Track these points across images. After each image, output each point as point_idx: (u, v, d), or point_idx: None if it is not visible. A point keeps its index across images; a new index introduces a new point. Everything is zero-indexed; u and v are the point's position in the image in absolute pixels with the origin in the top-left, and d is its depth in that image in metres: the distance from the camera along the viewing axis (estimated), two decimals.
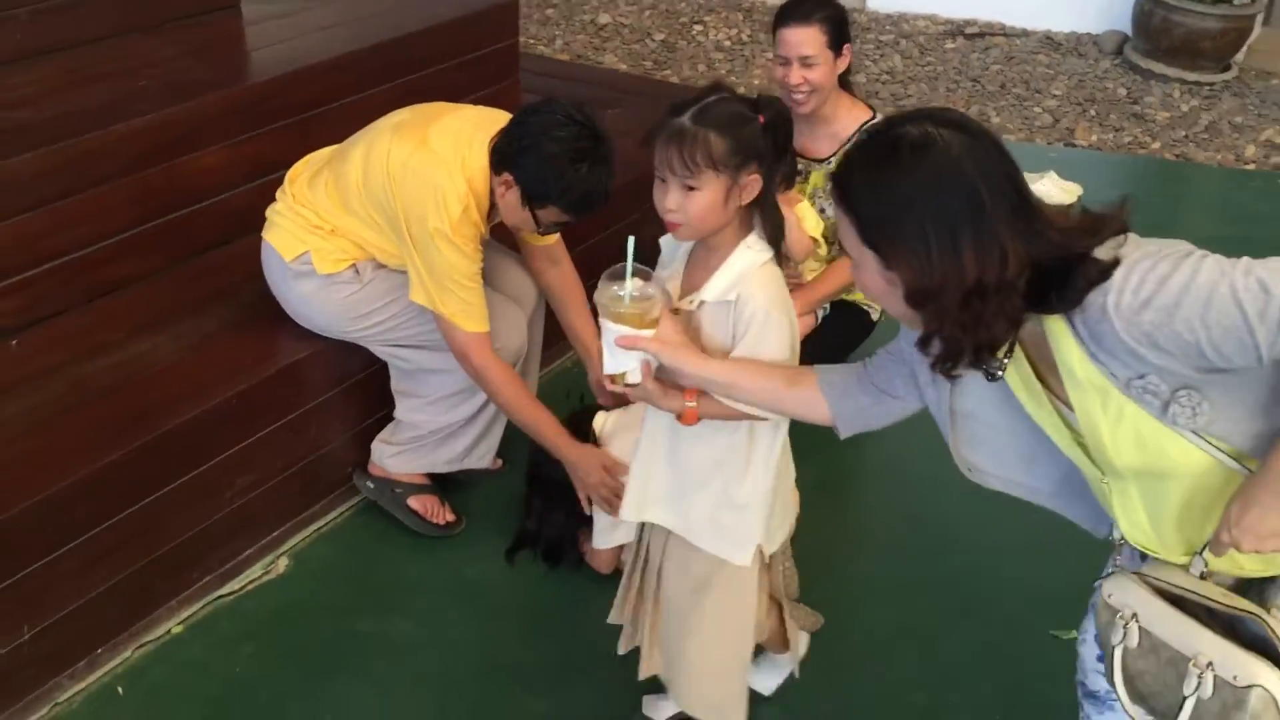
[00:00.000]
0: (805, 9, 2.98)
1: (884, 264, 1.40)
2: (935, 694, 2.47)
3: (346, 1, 3.76)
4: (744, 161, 1.74)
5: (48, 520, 2.30)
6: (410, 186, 2.45)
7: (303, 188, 2.68)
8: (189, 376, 2.62)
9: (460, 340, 2.52)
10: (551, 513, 2.71)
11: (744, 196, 1.76)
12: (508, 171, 2.43)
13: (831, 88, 3.05)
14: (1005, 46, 6.25)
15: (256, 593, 2.72)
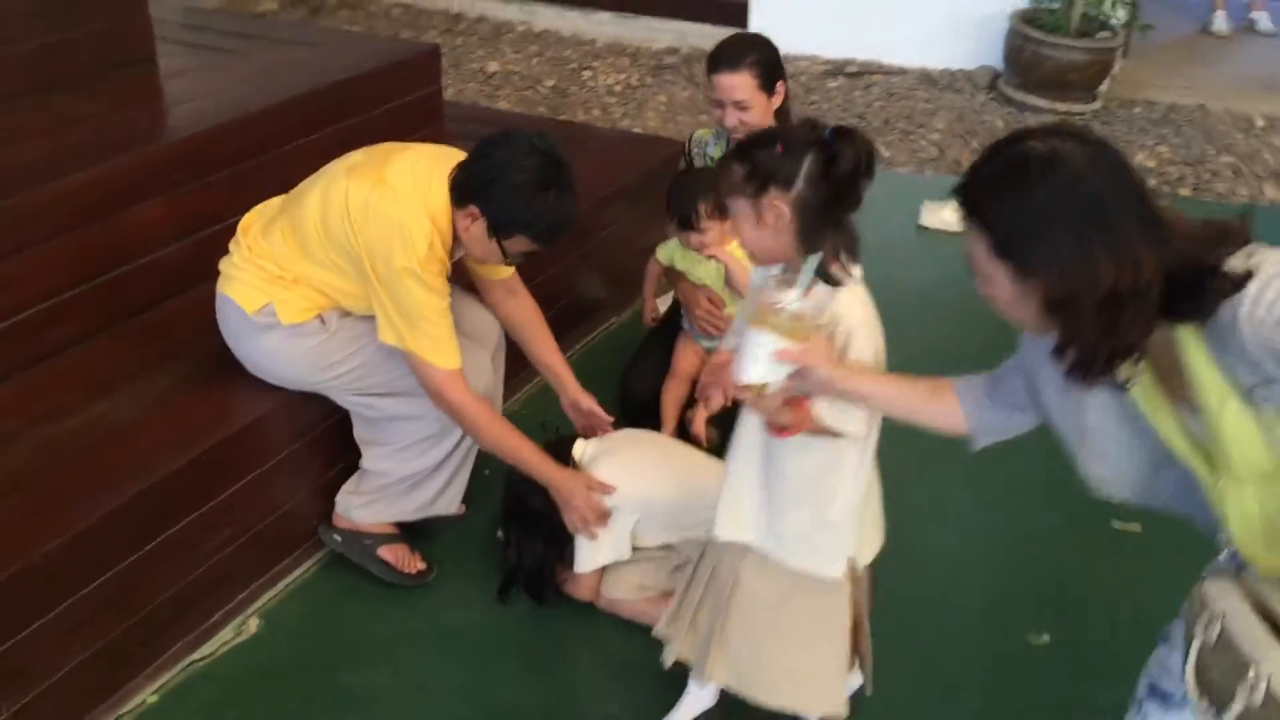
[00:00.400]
0: (735, 55, 3.07)
1: (1017, 275, 1.47)
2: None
3: (261, 55, 3.71)
4: (761, 186, 1.81)
5: (29, 590, 2.21)
6: (373, 226, 2.44)
7: (257, 238, 2.64)
8: (154, 437, 2.55)
9: (434, 378, 2.50)
10: (531, 542, 2.71)
11: (773, 219, 1.81)
12: (473, 204, 2.43)
13: (769, 124, 3.15)
14: (885, 84, 6.49)
15: (230, 655, 2.64)
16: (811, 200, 1.82)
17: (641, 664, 2.60)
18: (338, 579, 2.84)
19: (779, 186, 1.82)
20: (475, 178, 2.44)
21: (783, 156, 1.82)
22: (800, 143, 1.83)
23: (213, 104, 3.29)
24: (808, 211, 1.83)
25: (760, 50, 3.09)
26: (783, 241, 1.86)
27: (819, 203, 1.83)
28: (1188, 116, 6.05)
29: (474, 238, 2.49)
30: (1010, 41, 6.06)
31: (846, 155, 1.81)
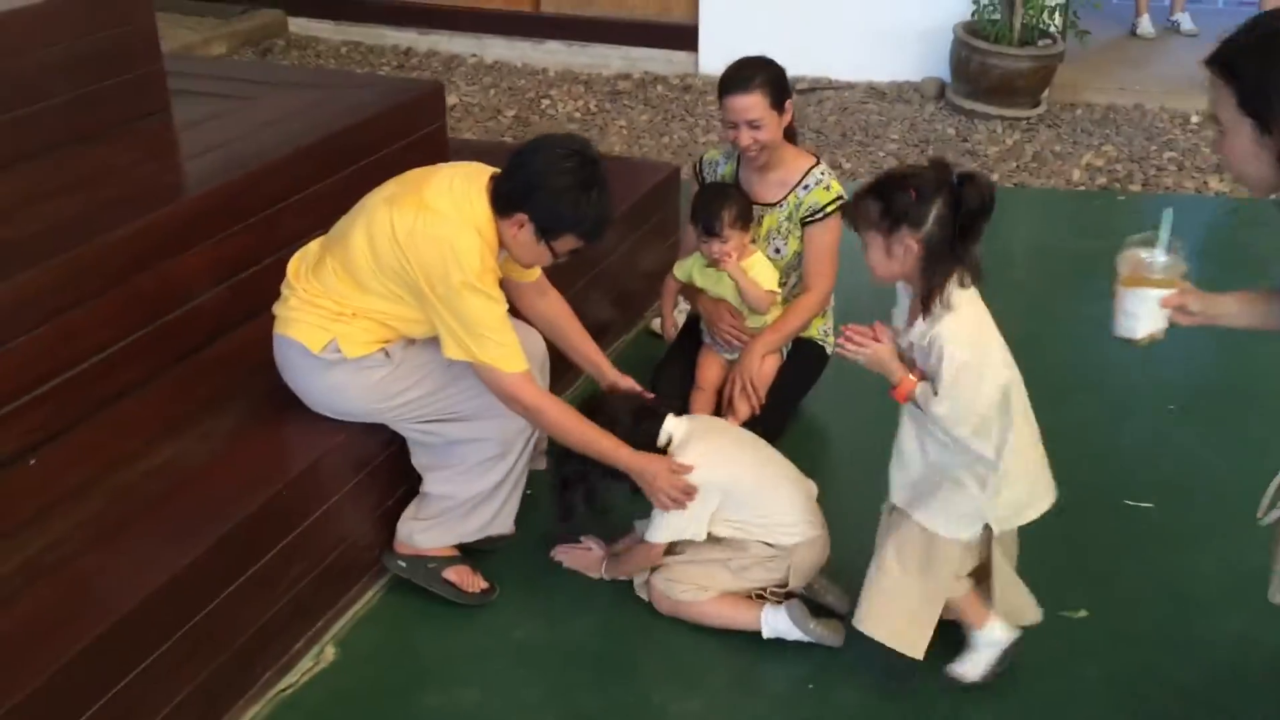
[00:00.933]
0: (745, 76, 3.22)
1: (1260, 131, 1.73)
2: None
3: (269, 100, 3.79)
4: (894, 225, 2.12)
5: (133, 634, 2.26)
6: (424, 249, 2.54)
7: (309, 280, 2.72)
8: (227, 479, 2.62)
9: (506, 384, 2.60)
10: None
11: (903, 253, 2.11)
12: (519, 212, 2.55)
13: (779, 141, 3.31)
14: (836, 99, 6.72)
15: (312, 684, 2.71)
16: (938, 237, 2.12)
17: (713, 665, 2.73)
18: (404, 603, 2.93)
19: (910, 226, 2.13)
20: (519, 186, 2.56)
21: (915, 201, 2.11)
22: (931, 188, 2.11)
23: (235, 153, 3.36)
24: (934, 247, 2.13)
25: (769, 71, 3.25)
26: (908, 269, 2.16)
27: (944, 239, 2.13)
28: (1126, 116, 6.36)
29: (522, 244, 2.61)
30: (956, 52, 6.32)
31: (972, 198, 2.12)
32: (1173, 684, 2.67)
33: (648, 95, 6.93)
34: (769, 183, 3.38)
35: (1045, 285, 4.62)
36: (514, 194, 2.56)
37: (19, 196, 2.95)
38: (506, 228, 2.59)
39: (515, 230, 2.58)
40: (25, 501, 2.49)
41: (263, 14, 7.97)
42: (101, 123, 3.36)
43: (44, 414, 2.66)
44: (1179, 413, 3.68)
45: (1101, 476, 3.36)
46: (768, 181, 3.38)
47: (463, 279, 2.51)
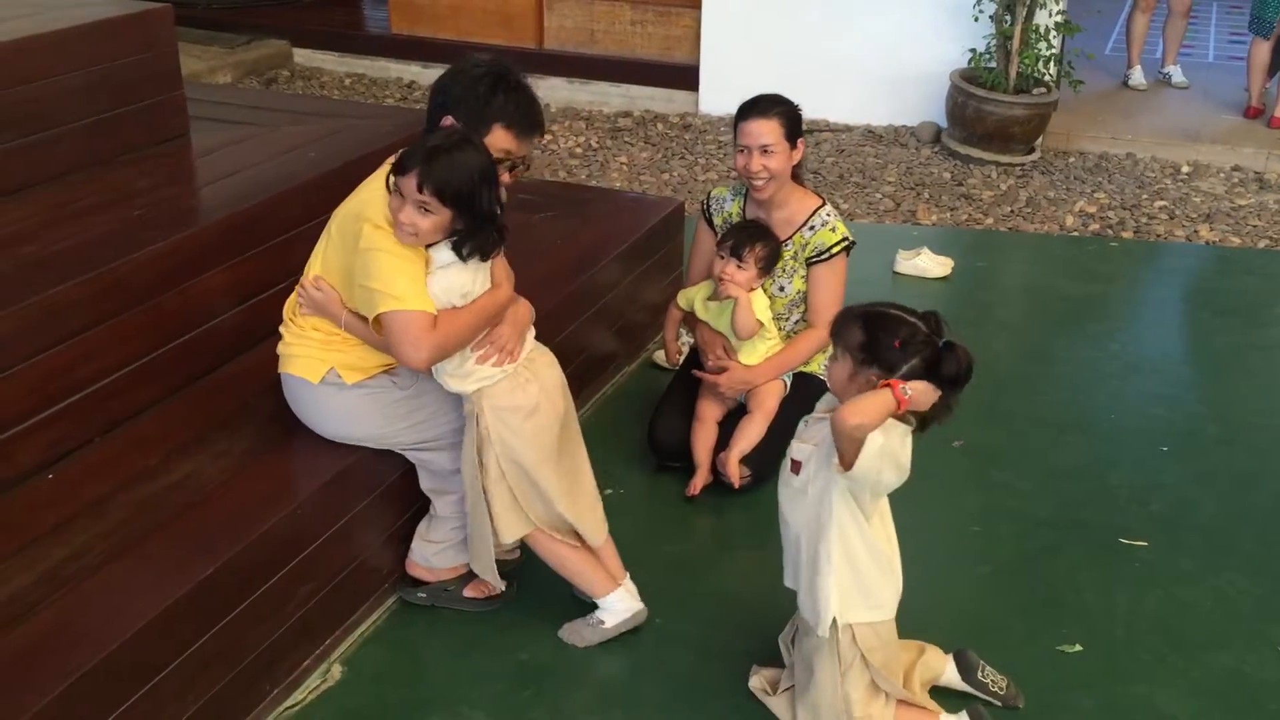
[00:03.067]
0: (764, 104, 3.33)
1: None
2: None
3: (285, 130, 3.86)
4: (869, 360, 2.25)
5: (151, 646, 2.30)
6: (345, 218, 2.65)
7: (297, 313, 2.80)
8: (242, 497, 2.66)
9: (404, 322, 2.50)
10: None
11: (864, 384, 2.26)
12: (445, 116, 2.63)
13: (787, 177, 3.39)
14: (833, 141, 6.84)
15: (319, 701, 2.74)
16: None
17: (719, 690, 2.77)
18: (411, 624, 2.97)
19: (882, 369, 2.23)
20: (437, 98, 2.68)
21: (897, 350, 2.22)
22: (917, 344, 2.22)
23: (252, 179, 3.43)
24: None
25: (787, 105, 3.34)
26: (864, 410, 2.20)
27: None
28: (1119, 165, 6.49)
29: None
30: (953, 99, 6.44)
31: (949, 366, 2.23)
32: (1164, 716, 2.73)
33: (648, 133, 7.04)
34: (775, 221, 3.46)
35: (1039, 327, 4.71)
36: (434, 107, 2.67)
37: (44, 216, 3.02)
38: None
39: None
40: (45, 514, 2.54)
41: (268, 44, 8.08)
42: (122, 147, 3.43)
43: (63, 429, 2.72)
44: (1171, 452, 3.75)
45: (1096, 515, 3.43)
46: (774, 221, 3.46)
47: (372, 222, 2.53)
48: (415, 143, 2.54)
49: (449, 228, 2.52)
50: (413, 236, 2.50)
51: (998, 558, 3.27)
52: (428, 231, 2.50)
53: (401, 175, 2.47)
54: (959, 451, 3.73)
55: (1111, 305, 4.93)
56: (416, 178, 2.44)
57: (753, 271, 3.33)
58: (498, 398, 2.70)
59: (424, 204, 2.46)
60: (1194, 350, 4.67)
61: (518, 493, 2.73)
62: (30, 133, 3.17)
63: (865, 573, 2.41)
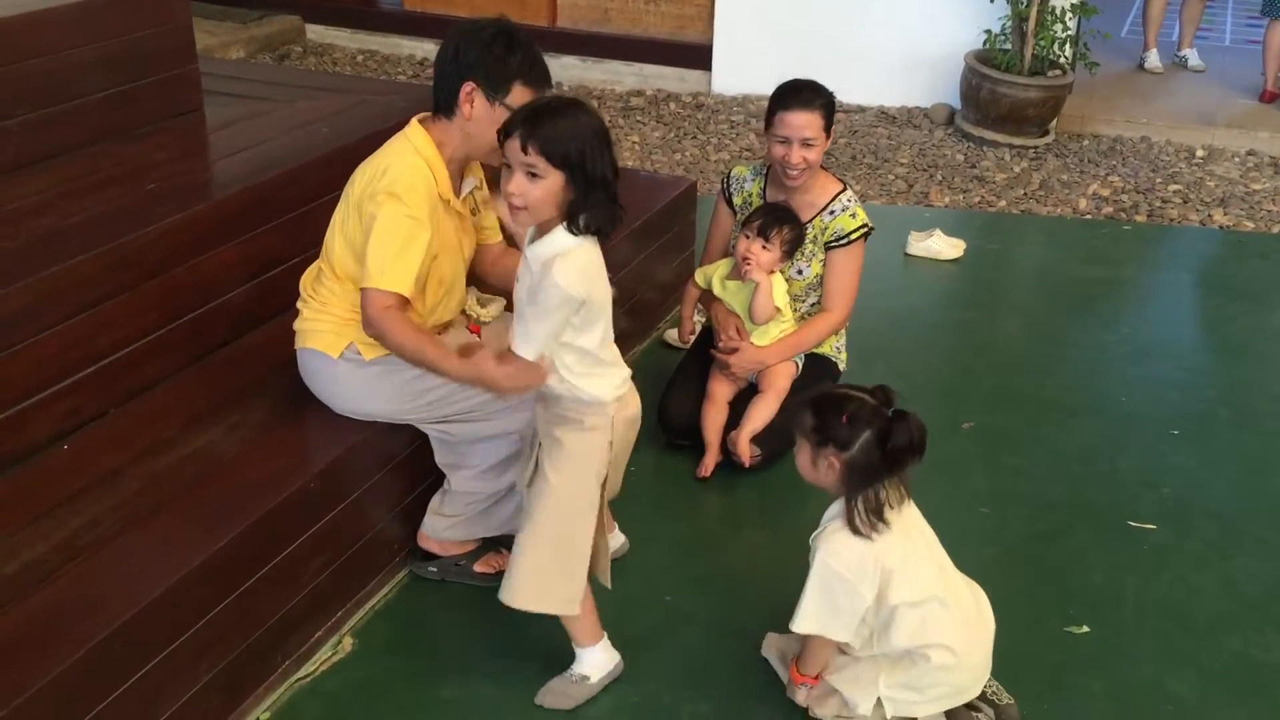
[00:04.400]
0: (807, 95, 3.30)
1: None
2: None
3: (299, 105, 3.87)
4: (822, 442, 2.31)
5: (164, 615, 2.32)
6: (363, 184, 2.63)
7: (316, 289, 2.81)
8: (256, 470, 2.67)
9: (375, 300, 2.55)
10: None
11: (825, 469, 2.35)
12: (465, 81, 2.60)
13: (819, 163, 3.39)
14: (846, 122, 6.81)
15: (331, 673, 2.76)
16: (861, 462, 2.29)
17: (725, 668, 2.79)
18: (421, 598, 2.99)
19: (836, 447, 2.32)
20: (449, 66, 2.63)
21: (845, 426, 2.29)
22: (865, 418, 2.28)
23: (266, 153, 3.44)
24: (855, 470, 2.32)
25: (826, 95, 3.33)
26: (829, 482, 2.33)
27: (867, 465, 2.31)
28: (1133, 148, 6.46)
29: (479, 120, 2.62)
30: (967, 80, 6.41)
31: (900, 436, 2.28)
32: (1171, 698, 2.74)
33: (660, 112, 7.02)
34: (797, 204, 3.45)
35: (1050, 310, 4.70)
36: (449, 75, 2.63)
37: (60, 189, 3.03)
38: (460, 117, 2.63)
39: (468, 109, 2.61)
40: (61, 484, 2.55)
41: (281, 20, 8.07)
42: (137, 120, 3.44)
43: (77, 400, 2.74)
44: (1181, 436, 3.75)
45: (1105, 497, 3.44)
46: (798, 203, 3.45)
47: (389, 189, 2.55)
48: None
49: (561, 197, 2.26)
50: (523, 210, 2.29)
51: (1007, 539, 3.28)
52: (538, 201, 2.26)
53: (506, 139, 2.25)
54: (969, 434, 3.74)
55: (1124, 289, 4.92)
56: (520, 138, 2.22)
57: (777, 253, 3.33)
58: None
59: (530, 166, 2.22)
60: (1206, 334, 4.66)
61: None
62: (47, 105, 3.19)
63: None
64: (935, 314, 4.66)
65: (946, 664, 2.45)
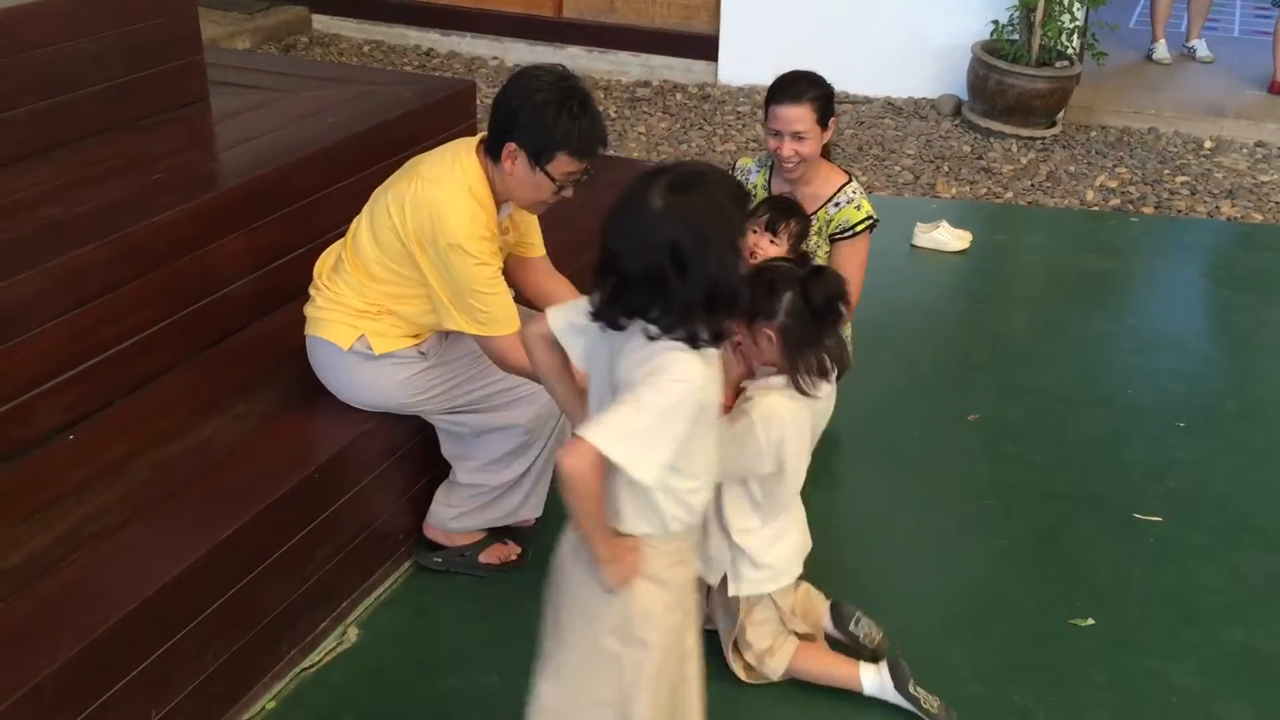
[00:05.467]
0: (798, 89, 3.27)
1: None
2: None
3: (304, 95, 3.86)
4: (751, 318, 2.34)
5: (172, 604, 2.33)
6: (414, 216, 2.59)
7: (332, 279, 2.80)
8: (262, 460, 2.68)
9: (495, 348, 2.65)
10: None
11: (765, 343, 2.37)
12: (509, 142, 2.56)
13: (817, 158, 3.37)
14: (853, 112, 6.79)
15: (336, 663, 2.77)
16: (793, 325, 2.34)
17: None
18: (426, 588, 2.99)
19: (766, 317, 2.34)
20: (501, 119, 2.57)
21: (766, 296, 2.31)
22: (782, 281, 2.32)
23: (271, 144, 3.43)
24: (791, 335, 2.34)
25: (820, 87, 3.29)
26: (773, 356, 2.37)
27: (799, 328, 2.34)
28: (1140, 139, 6.44)
29: (519, 178, 2.61)
30: (974, 71, 6.39)
31: (817, 292, 2.33)
32: (1175, 689, 2.74)
33: (666, 103, 7.01)
34: (801, 196, 3.43)
35: (1057, 302, 4.69)
36: (498, 127, 2.58)
37: (66, 179, 3.03)
38: (501, 169, 2.60)
39: (509, 166, 2.59)
40: (66, 475, 2.56)
41: (287, 10, 8.05)
42: (142, 110, 3.44)
43: (83, 390, 2.74)
44: (1187, 428, 3.74)
45: (1111, 489, 3.43)
46: (801, 195, 3.43)
47: (449, 241, 2.55)
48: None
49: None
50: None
51: (1011, 531, 3.27)
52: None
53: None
54: (974, 425, 3.73)
55: (1131, 280, 4.91)
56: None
57: (785, 247, 3.31)
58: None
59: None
60: (1213, 326, 4.65)
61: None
62: (53, 95, 3.18)
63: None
64: (941, 306, 4.65)
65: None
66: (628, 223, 1.80)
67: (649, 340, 1.79)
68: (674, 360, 1.77)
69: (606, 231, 1.83)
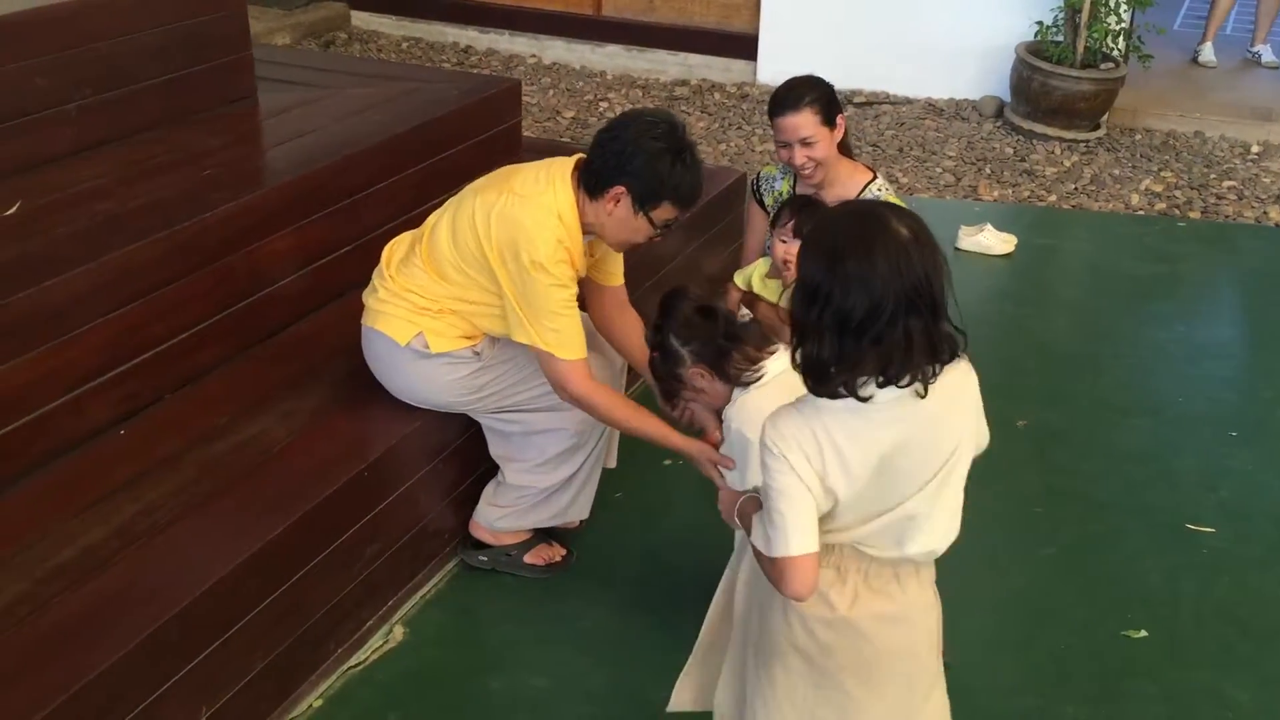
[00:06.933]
0: (795, 96, 3.22)
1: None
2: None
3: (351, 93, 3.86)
4: (677, 380, 2.41)
5: (223, 602, 2.33)
6: (500, 229, 2.59)
7: (399, 272, 2.78)
8: (311, 457, 2.68)
9: (558, 369, 2.64)
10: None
11: (705, 383, 2.37)
12: (616, 184, 2.58)
13: (834, 157, 3.33)
14: (894, 114, 6.75)
15: (383, 662, 2.77)
16: (700, 350, 2.35)
17: None
18: (472, 588, 2.98)
19: (680, 368, 2.38)
20: (611, 159, 2.58)
21: (660, 358, 2.40)
22: (655, 338, 2.42)
23: (319, 141, 3.44)
24: (705, 358, 2.35)
25: (817, 89, 3.23)
26: (719, 390, 2.37)
27: (701, 346, 2.35)
28: (1186, 143, 6.36)
29: (619, 219, 2.62)
30: (1018, 72, 6.33)
31: (675, 319, 2.37)
32: (1230, 704, 2.69)
33: (705, 102, 6.98)
34: (828, 198, 3.39)
35: (1104, 307, 4.64)
36: (607, 168, 2.58)
37: (119, 173, 3.05)
38: (601, 206, 2.61)
39: (611, 206, 2.60)
40: (118, 469, 2.57)
41: (326, 6, 8.07)
42: (192, 106, 3.45)
43: (134, 386, 2.75)
44: (1240, 438, 3.69)
45: (1162, 499, 3.39)
46: (827, 198, 3.39)
47: (531, 259, 2.55)
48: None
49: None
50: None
51: (1060, 540, 3.23)
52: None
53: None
54: (1022, 431, 3.69)
55: (1179, 286, 4.85)
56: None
57: None
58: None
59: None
60: (1264, 334, 4.58)
61: None
62: (106, 90, 3.20)
63: None
64: (987, 310, 4.60)
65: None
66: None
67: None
68: None
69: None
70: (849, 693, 1.92)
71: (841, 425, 1.72)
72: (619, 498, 3.24)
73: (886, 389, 1.69)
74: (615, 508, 3.12)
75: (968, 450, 1.87)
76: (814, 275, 1.69)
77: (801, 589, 1.74)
